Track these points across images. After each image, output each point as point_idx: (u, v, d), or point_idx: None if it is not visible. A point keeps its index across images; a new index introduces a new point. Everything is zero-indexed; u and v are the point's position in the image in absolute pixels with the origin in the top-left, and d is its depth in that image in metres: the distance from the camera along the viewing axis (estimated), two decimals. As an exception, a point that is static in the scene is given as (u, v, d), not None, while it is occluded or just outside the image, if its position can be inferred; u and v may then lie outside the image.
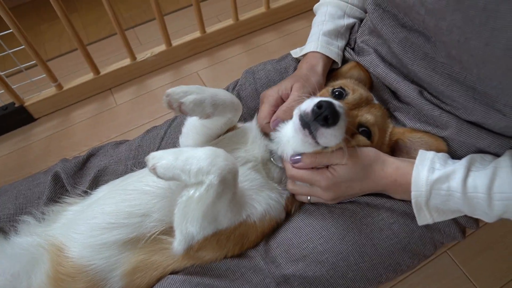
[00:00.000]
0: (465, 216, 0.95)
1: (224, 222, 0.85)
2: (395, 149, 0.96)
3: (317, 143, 0.83)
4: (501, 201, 0.75)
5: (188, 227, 0.82)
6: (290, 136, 0.91)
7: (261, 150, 0.99)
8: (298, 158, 0.91)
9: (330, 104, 0.79)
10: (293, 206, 0.99)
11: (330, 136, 0.81)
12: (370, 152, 0.90)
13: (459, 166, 0.81)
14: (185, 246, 0.84)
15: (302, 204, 1.00)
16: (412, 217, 0.91)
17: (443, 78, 0.87)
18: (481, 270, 1.42)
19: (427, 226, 0.93)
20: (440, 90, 0.89)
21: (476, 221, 0.99)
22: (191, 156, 0.80)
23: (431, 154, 0.86)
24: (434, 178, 0.81)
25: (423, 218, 0.87)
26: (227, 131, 1.04)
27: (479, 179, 0.78)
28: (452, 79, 0.85)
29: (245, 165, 0.96)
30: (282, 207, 0.96)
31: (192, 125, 1.04)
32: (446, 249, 1.45)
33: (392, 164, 0.88)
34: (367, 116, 0.92)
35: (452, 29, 0.74)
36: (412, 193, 0.84)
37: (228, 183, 0.80)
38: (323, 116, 0.79)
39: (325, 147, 0.86)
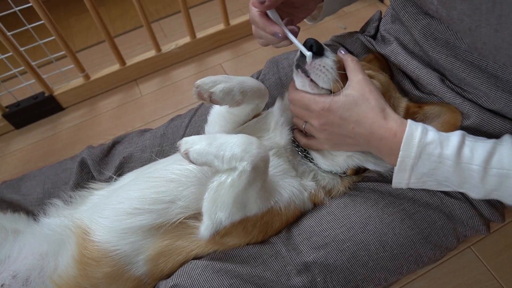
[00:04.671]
0: (490, 209, 0.94)
1: (253, 209, 0.86)
2: None
3: (312, 81, 0.86)
4: (496, 177, 0.72)
5: (217, 212, 0.83)
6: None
7: (283, 136, 1.00)
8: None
9: (312, 38, 0.83)
10: (319, 198, 0.98)
11: (320, 68, 0.84)
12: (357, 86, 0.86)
13: (454, 133, 0.78)
14: (212, 231, 0.85)
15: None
16: (434, 208, 0.91)
17: (464, 65, 0.86)
18: (507, 267, 1.38)
19: (449, 217, 0.92)
20: (461, 78, 0.88)
21: (502, 215, 0.97)
22: (225, 142, 0.81)
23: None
24: (428, 141, 0.77)
25: (399, 178, 0.82)
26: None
27: (476, 150, 0.74)
28: (474, 66, 0.84)
29: (269, 152, 0.96)
30: (306, 199, 0.96)
31: (218, 113, 1.05)
32: (469, 244, 1.42)
33: (396, 118, 0.83)
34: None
35: (462, 18, 0.74)
36: (401, 153, 0.78)
37: (260, 170, 0.81)
38: (308, 46, 0.83)
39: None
